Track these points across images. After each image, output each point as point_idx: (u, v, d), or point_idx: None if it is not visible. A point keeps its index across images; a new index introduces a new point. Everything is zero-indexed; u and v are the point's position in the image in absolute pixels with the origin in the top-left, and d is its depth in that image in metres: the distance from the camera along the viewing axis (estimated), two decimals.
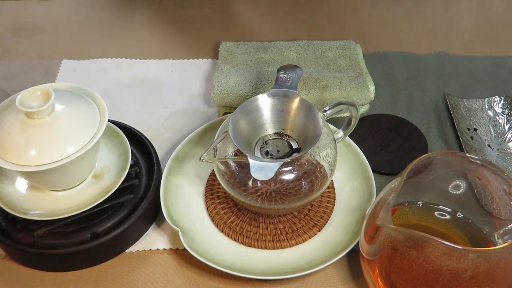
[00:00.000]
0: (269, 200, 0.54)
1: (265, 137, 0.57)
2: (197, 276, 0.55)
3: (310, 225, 0.58)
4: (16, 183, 0.56)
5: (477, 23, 0.89)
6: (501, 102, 0.72)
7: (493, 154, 0.66)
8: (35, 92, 0.50)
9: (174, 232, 0.57)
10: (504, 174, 0.48)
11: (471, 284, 0.44)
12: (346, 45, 0.76)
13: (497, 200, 0.51)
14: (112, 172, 0.57)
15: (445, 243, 0.41)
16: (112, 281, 0.55)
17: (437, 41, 0.85)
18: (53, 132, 0.49)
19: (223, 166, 0.54)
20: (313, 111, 0.55)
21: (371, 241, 0.48)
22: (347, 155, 0.63)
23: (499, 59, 0.81)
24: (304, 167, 0.54)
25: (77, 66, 0.79)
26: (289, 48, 0.76)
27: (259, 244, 0.56)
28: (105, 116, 0.53)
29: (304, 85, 0.69)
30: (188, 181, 0.62)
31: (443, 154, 0.51)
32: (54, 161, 0.49)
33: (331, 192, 0.61)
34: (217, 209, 0.59)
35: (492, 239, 0.51)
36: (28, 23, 0.86)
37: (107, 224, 0.55)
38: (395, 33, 0.86)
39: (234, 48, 0.77)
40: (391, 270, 0.48)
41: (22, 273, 0.55)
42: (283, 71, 0.58)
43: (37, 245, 0.53)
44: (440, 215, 0.54)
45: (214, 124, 0.66)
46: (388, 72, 0.78)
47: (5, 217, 0.55)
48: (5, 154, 0.49)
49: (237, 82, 0.69)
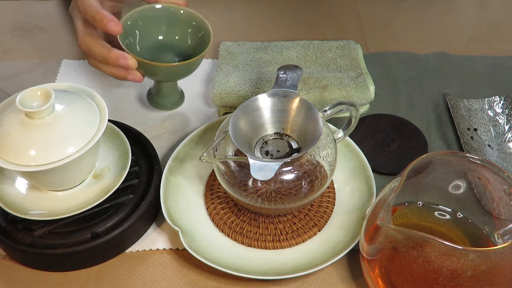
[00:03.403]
0: (269, 200, 0.54)
1: (265, 137, 0.57)
2: (197, 276, 0.55)
3: (310, 225, 0.58)
4: (16, 183, 0.56)
5: (477, 23, 0.89)
6: (501, 102, 0.72)
7: (493, 154, 0.66)
8: (35, 92, 0.50)
9: (174, 232, 0.57)
10: (504, 174, 0.48)
11: (471, 284, 0.44)
12: (346, 45, 0.76)
13: (497, 200, 0.51)
14: (112, 172, 0.57)
15: (445, 243, 0.41)
16: (112, 281, 0.55)
17: (437, 41, 0.84)
18: (53, 132, 0.49)
19: (223, 166, 0.54)
20: (313, 111, 0.55)
21: (371, 241, 0.48)
22: (347, 155, 0.63)
23: (499, 59, 0.81)
24: (304, 167, 0.54)
25: (77, 66, 0.79)
26: (289, 48, 0.76)
27: (259, 244, 0.56)
28: (105, 116, 0.53)
29: (304, 85, 0.69)
30: (188, 181, 0.62)
31: (443, 154, 0.51)
32: (54, 161, 0.49)
33: (331, 192, 0.61)
34: (217, 209, 0.59)
35: (492, 239, 0.51)
36: (28, 23, 0.86)
37: (107, 224, 0.55)
38: (395, 33, 0.86)
39: (234, 48, 0.77)
40: (391, 270, 0.48)
41: (22, 273, 0.55)
42: (283, 71, 0.58)
43: (37, 245, 0.53)
44: (440, 215, 0.54)
45: (214, 124, 0.66)
46: (388, 72, 0.78)
47: (5, 217, 0.55)
48: (5, 154, 0.49)
49: (237, 82, 0.69)
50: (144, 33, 0.65)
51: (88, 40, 0.59)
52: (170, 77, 0.64)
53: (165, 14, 0.65)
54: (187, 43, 0.65)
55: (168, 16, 0.65)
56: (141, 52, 0.65)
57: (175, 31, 0.65)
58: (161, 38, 0.66)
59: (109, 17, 0.58)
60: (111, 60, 0.59)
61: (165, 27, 0.65)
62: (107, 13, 0.58)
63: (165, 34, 0.66)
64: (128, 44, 0.63)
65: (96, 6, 0.58)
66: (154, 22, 0.65)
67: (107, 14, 0.58)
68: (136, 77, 0.61)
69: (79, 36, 0.61)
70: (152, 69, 0.60)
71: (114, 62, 0.59)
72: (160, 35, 0.66)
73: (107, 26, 0.57)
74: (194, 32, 0.65)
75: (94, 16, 0.58)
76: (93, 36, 0.60)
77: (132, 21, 0.63)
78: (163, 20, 0.65)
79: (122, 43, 0.60)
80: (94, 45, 0.59)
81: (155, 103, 0.69)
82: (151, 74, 0.62)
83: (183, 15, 0.65)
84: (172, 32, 0.66)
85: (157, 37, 0.66)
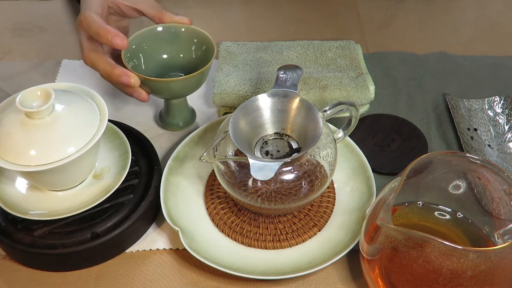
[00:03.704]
0: (269, 200, 0.54)
1: (265, 137, 0.57)
2: (197, 276, 0.55)
3: (310, 225, 0.58)
4: (16, 183, 0.56)
5: (477, 23, 0.89)
6: (501, 102, 0.72)
7: (493, 154, 0.66)
8: (35, 92, 0.50)
9: (174, 232, 0.57)
10: (504, 174, 0.48)
11: (471, 284, 0.44)
12: (346, 45, 0.76)
13: (497, 200, 0.51)
14: (112, 172, 0.57)
15: (445, 243, 0.41)
16: (112, 281, 0.55)
17: (437, 41, 0.85)
18: (53, 132, 0.49)
19: (223, 166, 0.54)
20: (313, 111, 0.55)
21: (371, 241, 0.48)
22: (347, 155, 0.63)
23: (499, 59, 0.81)
24: (304, 167, 0.54)
25: (77, 66, 0.79)
26: (289, 48, 0.76)
27: (259, 244, 0.56)
28: (105, 116, 0.53)
29: (304, 85, 0.69)
30: (188, 181, 0.62)
31: (443, 154, 0.51)
32: (54, 161, 0.49)
33: (331, 192, 0.61)
34: (217, 209, 0.59)
35: (492, 239, 0.51)
36: (28, 23, 0.86)
37: (107, 224, 0.55)
38: (395, 33, 0.86)
39: (234, 48, 0.77)
40: (391, 270, 0.48)
41: (22, 273, 0.55)
42: (283, 71, 0.58)
43: (37, 245, 0.53)
44: (440, 215, 0.54)
45: (214, 124, 0.66)
46: (388, 72, 0.78)
47: (5, 217, 0.55)
48: (5, 154, 0.49)
49: (237, 82, 0.69)
50: (148, 54, 0.65)
51: (92, 56, 0.59)
52: (175, 92, 0.64)
53: (168, 35, 0.65)
54: (191, 59, 0.66)
55: (171, 36, 0.66)
56: (146, 71, 0.65)
57: (179, 49, 0.66)
58: (166, 57, 0.67)
59: (113, 32, 0.57)
60: (114, 77, 0.59)
61: (169, 46, 0.66)
62: (112, 28, 0.58)
63: (169, 53, 0.67)
64: (133, 66, 0.63)
65: (99, 22, 0.58)
66: (157, 43, 0.65)
67: (112, 29, 0.58)
68: (141, 96, 0.61)
69: (83, 52, 0.60)
70: (156, 85, 0.61)
71: (116, 80, 0.59)
72: (165, 54, 0.67)
73: (112, 41, 0.57)
74: (197, 47, 0.66)
75: (99, 31, 0.57)
76: (97, 52, 0.60)
77: (136, 44, 0.64)
78: (166, 40, 0.66)
79: (127, 65, 0.61)
80: (98, 61, 0.59)
81: (166, 123, 0.69)
82: (156, 92, 0.62)
83: (185, 33, 0.65)
84: (176, 50, 0.66)
85: (162, 56, 0.67)
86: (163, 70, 0.67)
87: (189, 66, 0.66)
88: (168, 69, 0.67)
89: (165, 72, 0.67)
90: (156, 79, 0.60)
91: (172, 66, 0.67)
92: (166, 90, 0.62)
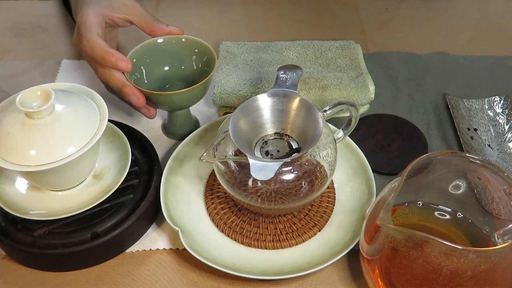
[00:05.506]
0: (269, 200, 0.54)
1: (265, 137, 0.57)
2: (197, 276, 0.55)
3: (310, 225, 0.58)
4: (16, 183, 0.56)
5: (477, 23, 0.89)
6: (501, 102, 0.72)
7: (493, 154, 0.66)
8: (35, 92, 0.50)
9: (174, 232, 0.57)
10: (504, 174, 0.48)
11: (471, 284, 0.44)
12: (346, 45, 0.76)
13: (497, 200, 0.51)
14: (112, 172, 0.57)
15: (445, 243, 0.41)
16: (112, 281, 0.55)
17: (437, 41, 0.85)
18: (53, 132, 0.49)
19: (223, 166, 0.54)
20: (313, 111, 0.55)
21: (371, 241, 0.48)
22: (347, 155, 0.63)
23: (499, 59, 0.81)
24: (304, 167, 0.54)
25: (77, 66, 0.79)
26: (289, 48, 0.76)
27: (259, 244, 0.56)
28: (105, 116, 0.53)
29: (304, 85, 0.69)
30: (188, 181, 0.62)
31: (443, 154, 0.51)
32: (54, 161, 0.49)
33: (331, 192, 0.61)
34: (217, 209, 0.59)
35: (492, 239, 0.51)
36: (28, 23, 0.86)
37: (107, 224, 0.55)
38: (395, 33, 0.86)
39: (234, 48, 0.77)
40: (391, 270, 0.48)
41: (22, 273, 0.55)
42: (283, 71, 0.58)
43: (37, 245, 0.53)
44: (440, 215, 0.54)
45: (214, 124, 0.66)
46: (388, 72, 0.78)
47: (5, 217, 0.55)
48: (5, 154, 0.49)
49: (237, 82, 0.69)
50: (150, 67, 0.66)
51: (105, 73, 0.61)
52: (178, 105, 0.64)
53: (169, 47, 0.66)
54: (193, 69, 0.66)
55: (172, 48, 0.66)
56: (148, 84, 0.65)
57: (180, 60, 0.66)
58: (167, 69, 0.67)
59: (118, 56, 0.59)
60: (123, 95, 0.60)
61: (170, 58, 0.66)
62: (116, 52, 0.59)
63: (170, 64, 0.67)
64: (135, 79, 0.64)
65: (103, 46, 0.59)
66: (158, 55, 0.66)
67: (116, 53, 0.59)
68: (149, 113, 0.64)
69: (96, 71, 0.63)
70: (158, 99, 0.61)
71: (126, 98, 0.60)
72: (166, 66, 0.67)
73: (117, 65, 0.59)
74: (198, 57, 0.66)
75: (103, 56, 0.59)
76: (107, 68, 0.61)
77: (137, 58, 0.64)
78: (168, 52, 0.66)
79: (130, 78, 0.61)
80: (110, 77, 0.61)
81: (169, 134, 0.69)
82: (159, 104, 0.62)
83: (185, 44, 0.65)
84: (177, 61, 0.67)
85: (163, 68, 0.67)
86: (165, 82, 0.67)
87: (190, 77, 0.66)
88: (169, 80, 0.67)
89: (166, 84, 0.67)
90: (158, 93, 0.60)
91: (173, 77, 0.67)
92: (168, 102, 0.62)
